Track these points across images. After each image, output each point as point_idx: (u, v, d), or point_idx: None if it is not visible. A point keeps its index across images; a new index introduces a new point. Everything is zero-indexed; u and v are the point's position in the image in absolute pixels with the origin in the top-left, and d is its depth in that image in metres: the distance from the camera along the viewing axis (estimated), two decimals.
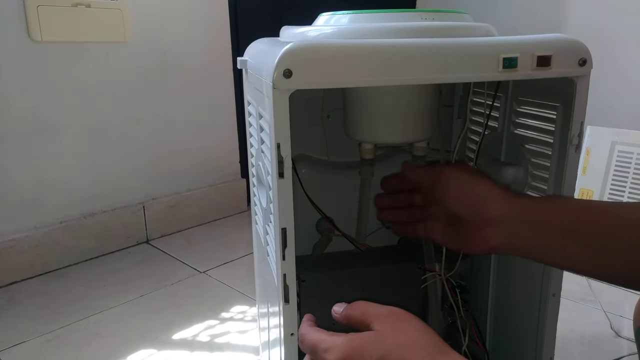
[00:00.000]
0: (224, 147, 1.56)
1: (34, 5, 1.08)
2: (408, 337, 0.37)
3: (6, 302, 1.07)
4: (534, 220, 0.46)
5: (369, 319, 0.39)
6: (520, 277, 0.62)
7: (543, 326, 0.57)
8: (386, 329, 0.38)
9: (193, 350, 0.91)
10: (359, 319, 0.40)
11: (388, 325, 0.38)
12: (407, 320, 0.39)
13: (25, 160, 1.15)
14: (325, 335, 0.40)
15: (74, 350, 0.91)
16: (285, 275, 0.47)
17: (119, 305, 1.05)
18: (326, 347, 0.39)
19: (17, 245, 1.14)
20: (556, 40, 0.47)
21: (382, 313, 0.40)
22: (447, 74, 0.46)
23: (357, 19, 0.51)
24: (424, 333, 0.38)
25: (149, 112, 1.35)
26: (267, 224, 0.53)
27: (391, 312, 0.40)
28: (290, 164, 0.44)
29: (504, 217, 0.47)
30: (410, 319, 0.39)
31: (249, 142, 0.67)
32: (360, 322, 0.40)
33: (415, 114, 0.58)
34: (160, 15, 1.32)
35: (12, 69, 1.10)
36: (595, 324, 0.96)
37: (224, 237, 1.41)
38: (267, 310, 0.65)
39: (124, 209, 1.33)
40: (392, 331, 0.38)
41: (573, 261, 0.46)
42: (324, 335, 0.40)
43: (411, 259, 0.64)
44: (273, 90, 0.42)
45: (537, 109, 0.56)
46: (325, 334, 0.40)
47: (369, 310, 0.40)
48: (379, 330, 0.38)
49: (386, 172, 0.71)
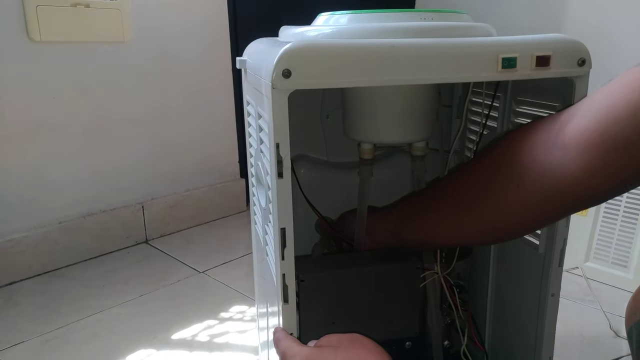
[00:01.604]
0: (223, 147, 1.55)
1: (33, 5, 1.08)
2: (357, 353, 0.44)
3: (5, 302, 1.06)
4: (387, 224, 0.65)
5: (330, 343, 0.46)
6: (519, 277, 0.62)
7: (542, 326, 0.57)
8: (342, 346, 0.45)
9: (192, 350, 0.91)
10: (325, 346, 0.47)
11: (345, 343, 0.46)
12: (362, 343, 0.46)
13: (24, 160, 1.15)
14: (295, 344, 0.47)
15: (73, 350, 0.90)
16: (284, 275, 0.47)
17: (118, 305, 1.05)
18: (292, 354, 0.46)
19: (16, 245, 1.14)
20: (555, 40, 0.47)
21: (343, 337, 0.47)
22: (446, 74, 0.46)
23: (356, 19, 0.51)
24: (374, 353, 0.45)
25: (148, 112, 1.35)
26: (266, 223, 0.53)
27: (351, 336, 0.47)
28: (289, 164, 0.44)
29: (372, 230, 0.65)
30: (367, 342, 0.46)
31: (248, 142, 0.67)
32: None
33: (414, 113, 0.58)
34: (159, 15, 1.32)
35: (11, 68, 1.09)
36: (595, 324, 0.97)
37: (223, 237, 1.41)
38: (266, 310, 0.65)
39: (123, 209, 1.33)
40: (346, 348, 0.45)
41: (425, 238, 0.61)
42: (294, 344, 0.47)
43: (410, 259, 0.64)
44: (272, 90, 0.42)
45: (536, 109, 0.56)
46: (296, 344, 0.47)
47: (331, 337, 0.47)
48: (336, 347, 0.45)
49: (385, 171, 0.71)
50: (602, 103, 0.42)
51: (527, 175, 0.47)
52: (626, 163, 0.41)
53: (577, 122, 0.43)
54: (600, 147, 0.41)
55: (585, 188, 0.44)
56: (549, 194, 0.46)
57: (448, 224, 0.56)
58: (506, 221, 0.51)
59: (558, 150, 0.44)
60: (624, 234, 1.07)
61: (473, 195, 0.53)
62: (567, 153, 0.43)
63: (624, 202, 1.07)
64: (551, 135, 0.45)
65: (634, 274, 1.06)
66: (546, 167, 0.45)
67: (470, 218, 0.54)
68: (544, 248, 0.56)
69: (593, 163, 0.42)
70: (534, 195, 0.47)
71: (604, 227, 1.10)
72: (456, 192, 0.56)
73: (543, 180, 0.46)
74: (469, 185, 0.54)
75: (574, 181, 0.43)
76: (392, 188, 0.74)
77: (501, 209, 0.50)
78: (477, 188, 0.53)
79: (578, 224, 1.11)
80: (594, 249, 1.12)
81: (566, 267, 0.76)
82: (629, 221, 1.07)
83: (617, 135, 0.40)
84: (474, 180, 0.54)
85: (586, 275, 1.10)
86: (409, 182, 0.75)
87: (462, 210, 0.54)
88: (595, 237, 1.11)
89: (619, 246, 1.08)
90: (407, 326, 0.64)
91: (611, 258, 1.10)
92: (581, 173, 0.43)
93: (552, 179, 0.45)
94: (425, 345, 0.68)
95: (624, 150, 0.40)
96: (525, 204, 0.48)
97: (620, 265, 1.08)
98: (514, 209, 0.49)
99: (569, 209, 0.48)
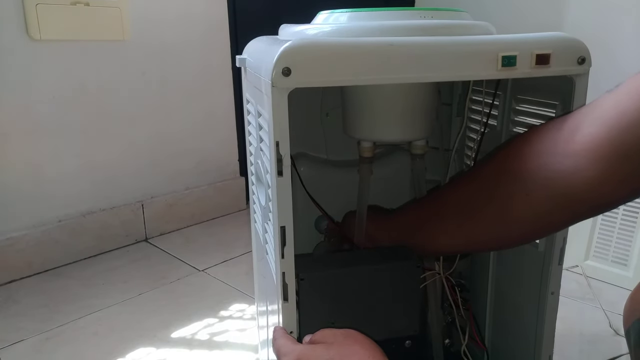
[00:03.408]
0: (223, 146, 1.55)
1: (33, 4, 1.08)
2: (351, 349, 0.45)
3: (5, 300, 1.06)
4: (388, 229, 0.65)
5: (325, 338, 0.47)
6: (519, 275, 0.62)
7: (542, 325, 0.57)
8: (336, 342, 0.46)
9: (192, 349, 0.91)
10: (319, 341, 0.47)
11: (339, 339, 0.46)
12: (356, 338, 0.46)
13: (24, 158, 1.15)
14: (289, 342, 0.48)
15: (72, 349, 0.90)
16: (284, 273, 0.47)
17: (117, 303, 1.05)
18: (285, 351, 0.47)
19: (16, 244, 1.14)
20: (555, 39, 0.47)
21: (337, 332, 0.47)
22: (445, 73, 0.46)
23: (356, 17, 0.51)
24: (367, 349, 0.45)
25: (147, 111, 1.35)
26: (266, 222, 0.53)
27: (345, 332, 0.47)
28: (289, 162, 0.44)
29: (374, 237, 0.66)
30: (360, 337, 0.46)
31: (248, 140, 0.67)
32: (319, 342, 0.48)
33: (414, 112, 0.58)
34: (159, 14, 1.32)
35: (10, 67, 1.09)
36: (594, 322, 0.97)
37: (222, 236, 1.41)
38: (266, 308, 0.65)
39: (123, 207, 1.33)
40: (339, 344, 0.45)
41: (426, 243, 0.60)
42: (288, 342, 0.48)
43: (410, 258, 0.63)
44: (272, 88, 0.42)
45: (536, 107, 0.56)
46: (290, 342, 0.48)
47: (325, 331, 0.48)
48: (329, 343, 0.46)
49: (385, 170, 0.71)
50: (612, 110, 0.42)
51: (537, 184, 0.47)
52: (638, 170, 0.41)
53: (587, 130, 0.43)
54: (612, 155, 0.41)
55: (597, 196, 0.44)
56: (560, 201, 0.46)
57: (453, 232, 0.56)
58: (515, 230, 0.51)
59: (569, 159, 0.44)
60: (624, 232, 1.07)
61: (478, 203, 0.53)
62: (579, 161, 0.43)
63: None
64: (559, 143, 0.45)
65: (633, 272, 1.06)
66: (557, 175, 0.45)
67: (477, 227, 0.53)
68: (543, 246, 0.56)
69: (605, 171, 0.42)
70: (544, 204, 0.47)
71: (603, 226, 1.10)
72: (460, 200, 0.55)
73: (554, 189, 0.45)
74: (473, 193, 0.54)
75: (586, 189, 0.43)
76: (391, 186, 0.75)
77: (510, 218, 0.50)
78: (482, 196, 0.52)
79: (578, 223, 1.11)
80: (593, 247, 1.12)
81: (566, 266, 0.76)
82: (628, 219, 1.07)
83: (629, 143, 0.40)
84: (476, 188, 0.54)
85: (586, 273, 1.10)
86: (408, 180, 0.75)
87: (468, 219, 0.54)
88: (595, 236, 1.12)
89: (618, 244, 1.08)
90: (407, 325, 0.64)
91: (611, 256, 1.10)
92: (593, 181, 0.43)
93: (563, 187, 0.45)
94: (425, 344, 0.68)
95: (636, 157, 0.40)
96: (535, 212, 0.48)
97: (620, 264, 1.09)
98: (524, 217, 0.49)
99: (579, 217, 0.48)
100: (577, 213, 0.47)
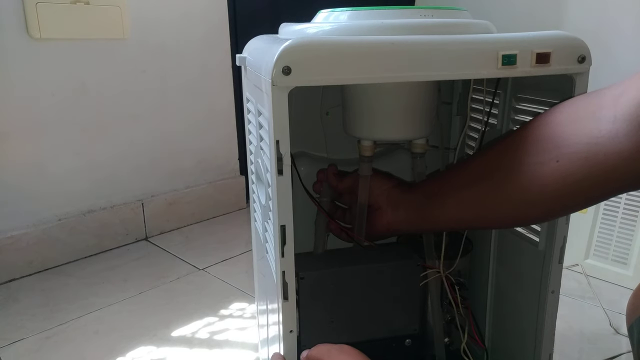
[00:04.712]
0: (223, 145, 1.55)
1: (33, 3, 1.08)
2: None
3: (5, 299, 1.06)
4: (415, 202, 0.60)
5: (320, 354, 0.48)
6: (519, 274, 0.62)
7: (542, 323, 0.57)
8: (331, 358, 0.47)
9: (192, 347, 0.91)
10: (315, 357, 0.49)
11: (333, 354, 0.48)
12: (349, 353, 0.48)
13: (24, 157, 1.15)
14: None
15: (72, 347, 0.91)
16: (284, 272, 0.47)
17: (117, 302, 1.05)
18: None
19: (16, 243, 1.14)
20: (555, 37, 0.47)
21: (332, 348, 0.48)
22: (446, 71, 0.46)
23: (356, 16, 0.51)
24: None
25: (147, 109, 1.35)
26: (266, 221, 0.53)
27: (339, 347, 0.48)
28: (289, 161, 0.44)
29: (396, 204, 0.62)
30: (354, 353, 0.48)
31: (248, 139, 0.67)
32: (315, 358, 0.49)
33: (414, 111, 0.58)
34: (159, 12, 1.31)
35: (10, 66, 1.09)
36: (595, 321, 0.97)
37: (222, 234, 1.41)
38: (266, 307, 0.65)
39: (123, 206, 1.33)
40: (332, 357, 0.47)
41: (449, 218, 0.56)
42: None
43: (411, 256, 0.64)
44: (272, 87, 0.42)
45: (536, 106, 0.56)
46: None
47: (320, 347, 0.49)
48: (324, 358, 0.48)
49: (385, 169, 0.71)
50: None
51: (569, 149, 0.44)
52: None
53: (632, 94, 0.40)
54: None
55: (632, 166, 0.41)
56: (592, 172, 0.43)
57: (467, 202, 0.53)
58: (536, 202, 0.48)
59: (608, 124, 0.41)
60: (624, 231, 1.07)
61: (501, 172, 0.50)
62: (619, 127, 0.40)
63: (624, 199, 1.07)
64: (599, 108, 0.43)
65: (633, 271, 1.06)
66: (592, 141, 0.42)
67: (496, 197, 0.51)
68: (544, 245, 0.56)
69: None
70: (574, 173, 0.44)
71: (604, 224, 1.10)
72: (485, 168, 0.53)
73: (587, 157, 0.43)
74: (500, 161, 0.51)
75: (622, 157, 0.40)
76: None
77: (534, 187, 0.47)
78: (507, 164, 0.49)
79: (578, 221, 1.11)
80: (594, 246, 1.12)
81: (566, 264, 0.75)
82: (629, 218, 1.07)
83: None
84: (502, 156, 0.51)
85: (586, 272, 1.10)
86: (409, 179, 0.75)
87: (488, 188, 0.51)
88: (595, 234, 1.12)
89: (618, 243, 1.08)
90: (407, 324, 0.64)
91: (611, 255, 1.10)
92: (632, 148, 0.40)
93: (597, 154, 0.42)
94: (425, 342, 0.68)
95: None
96: (563, 182, 0.45)
97: (620, 263, 1.09)
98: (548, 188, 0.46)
99: (611, 190, 0.45)
100: (606, 188, 0.44)
